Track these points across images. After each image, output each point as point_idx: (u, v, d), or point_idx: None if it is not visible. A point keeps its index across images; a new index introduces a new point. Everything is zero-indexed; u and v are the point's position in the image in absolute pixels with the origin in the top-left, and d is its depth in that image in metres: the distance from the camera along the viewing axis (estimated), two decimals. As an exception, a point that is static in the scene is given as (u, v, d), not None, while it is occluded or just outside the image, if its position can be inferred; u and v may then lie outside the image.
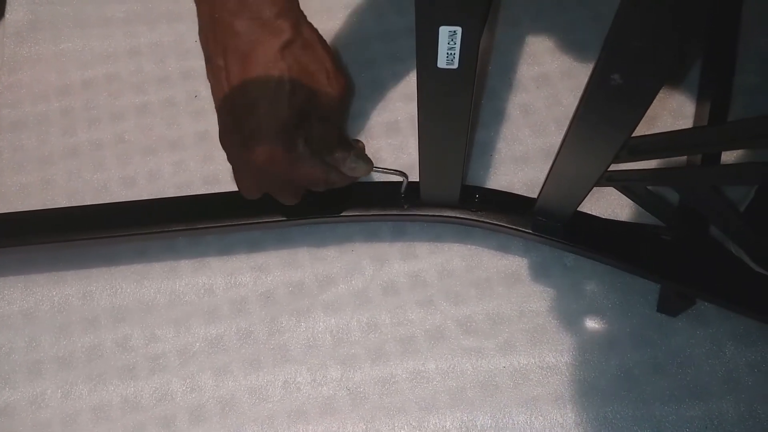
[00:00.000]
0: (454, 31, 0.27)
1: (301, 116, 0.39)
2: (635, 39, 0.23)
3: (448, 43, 0.28)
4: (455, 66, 0.29)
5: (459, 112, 0.33)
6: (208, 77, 0.40)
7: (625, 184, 0.37)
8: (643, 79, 0.25)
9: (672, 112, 0.53)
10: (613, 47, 0.24)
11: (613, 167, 0.35)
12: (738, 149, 0.46)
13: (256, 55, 0.37)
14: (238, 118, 0.39)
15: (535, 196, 0.43)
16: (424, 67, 0.30)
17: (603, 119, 0.29)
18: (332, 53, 0.40)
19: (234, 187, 0.51)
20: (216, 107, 0.41)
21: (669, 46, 0.23)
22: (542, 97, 0.54)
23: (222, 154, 0.54)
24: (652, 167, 0.35)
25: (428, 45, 0.28)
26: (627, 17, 0.23)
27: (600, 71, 0.26)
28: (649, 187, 0.40)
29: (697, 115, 0.52)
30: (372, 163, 0.45)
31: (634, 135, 0.31)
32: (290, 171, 0.41)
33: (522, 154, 0.52)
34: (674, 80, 0.54)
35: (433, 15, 0.26)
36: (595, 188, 0.49)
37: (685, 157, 0.49)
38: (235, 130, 0.39)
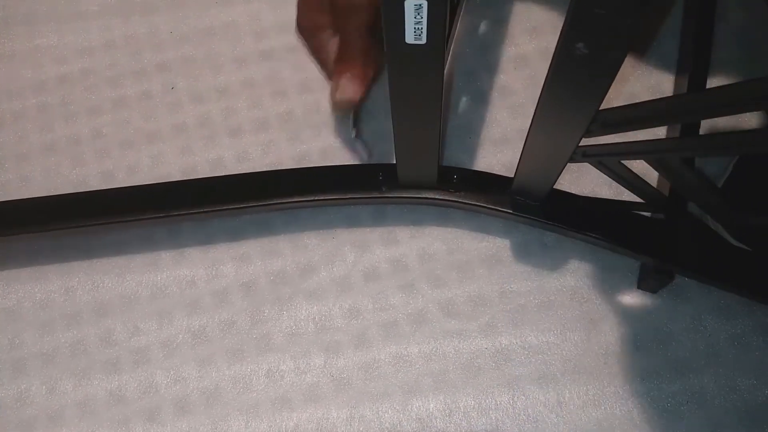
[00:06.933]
0: (420, 5, 0.27)
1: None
2: (597, 6, 0.23)
3: (415, 17, 0.27)
4: (423, 41, 0.29)
5: (431, 88, 0.33)
6: None
7: (599, 159, 0.37)
8: (608, 47, 0.25)
9: (651, 89, 0.52)
10: (575, 15, 0.24)
11: (587, 142, 0.34)
12: (707, 118, 0.45)
13: None
14: None
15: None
16: (392, 42, 0.29)
17: (571, 90, 0.29)
18: None
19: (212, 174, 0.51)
20: None
21: (631, 13, 0.23)
22: (520, 78, 0.54)
23: (200, 146, 0.54)
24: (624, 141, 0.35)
25: (395, 19, 0.28)
26: None
27: (565, 41, 0.26)
28: (625, 163, 0.39)
29: (676, 91, 0.52)
30: (354, 98, 0.45)
31: (606, 108, 0.31)
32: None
33: (501, 136, 0.52)
34: (640, 50, 0.53)
35: None
36: (575, 166, 0.49)
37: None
38: None
